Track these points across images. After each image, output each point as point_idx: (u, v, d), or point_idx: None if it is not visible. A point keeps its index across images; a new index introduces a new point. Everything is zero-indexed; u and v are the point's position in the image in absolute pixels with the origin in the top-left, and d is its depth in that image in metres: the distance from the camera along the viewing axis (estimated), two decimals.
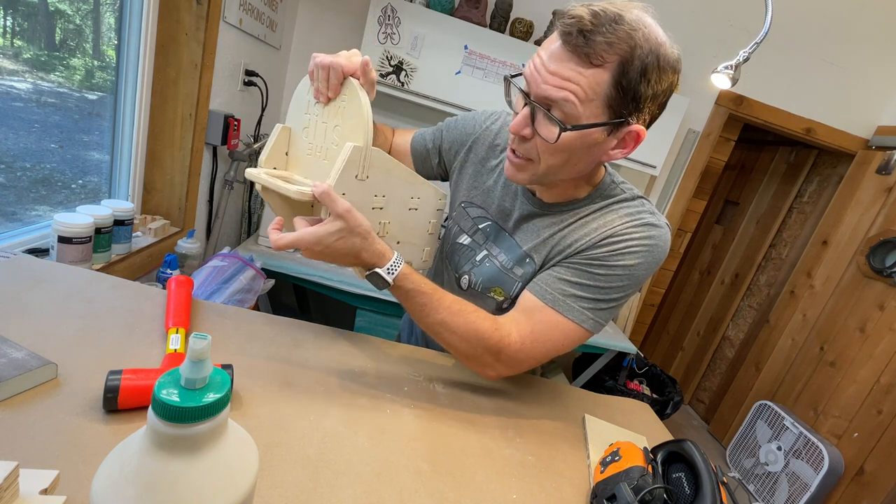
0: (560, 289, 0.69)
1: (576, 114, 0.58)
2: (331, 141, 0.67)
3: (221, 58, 1.47)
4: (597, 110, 0.58)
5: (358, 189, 0.65)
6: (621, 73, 0.56)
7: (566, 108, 0.58)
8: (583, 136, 0.60)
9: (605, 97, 0.57)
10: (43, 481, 0.36)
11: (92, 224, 1.04)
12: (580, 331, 0.69)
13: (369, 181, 0.66)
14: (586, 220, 0.71)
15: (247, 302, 1.32)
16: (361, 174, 0.64)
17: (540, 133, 0.61)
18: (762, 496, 2.25)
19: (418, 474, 0.54)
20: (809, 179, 2.80)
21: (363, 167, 0.64)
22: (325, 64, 0.64)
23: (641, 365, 2.54)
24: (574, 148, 0.61)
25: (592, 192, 0.73)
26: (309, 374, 0.66)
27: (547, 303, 0.68)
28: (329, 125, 0.67)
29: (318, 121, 0.69)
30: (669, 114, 2.04)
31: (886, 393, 2.02)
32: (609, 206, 0.71)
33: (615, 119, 0.59)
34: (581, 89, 0.56)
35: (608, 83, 0.56)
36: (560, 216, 0.73)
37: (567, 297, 0.68)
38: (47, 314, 0.62)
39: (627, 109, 0.59)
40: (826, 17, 2.19)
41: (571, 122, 0.59)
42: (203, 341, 0.28)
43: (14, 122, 1.05)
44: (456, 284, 0.83)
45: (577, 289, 0.68)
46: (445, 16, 1.91)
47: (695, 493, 0.54)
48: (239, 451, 0.31)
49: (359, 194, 0.65)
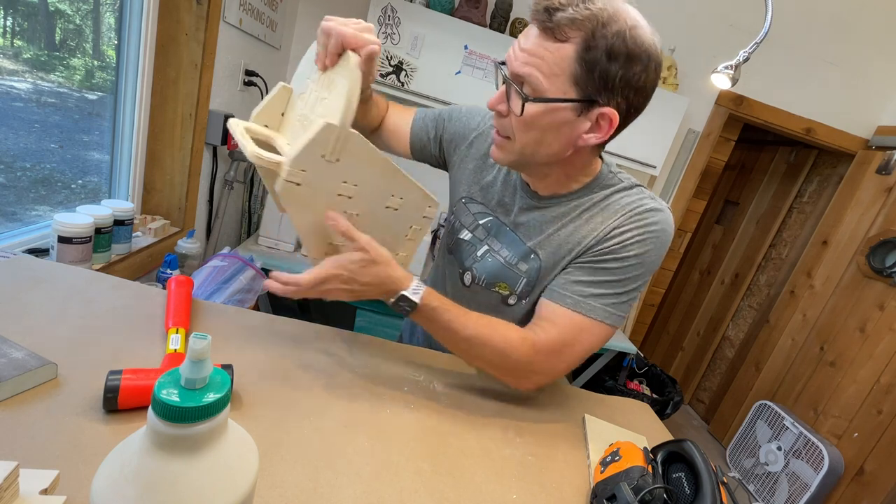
0: (578, 290, 0.69)
1: (541, 88, 0.59)
2: (316, 113, 0.62)
3: (221, 58, 1.47)
4: (563, 86, 0.59)
5: (324, 170, 0.60)
6: (585, 50, 0.57)
7: (532, 82, 0.59)
8: (551, 112, 0.61)
9: (571, 74, 0.58)
10: (43, 481, 0.36)
11: (92, 224, 1.04)
12: (605, 328, 0.69)
13: (340, 165, 0.61)
14: (589, 213, 0.71)
15: (247, 302, 1.32)
16: (330, 155, 0.59)
17: (511, 107, 0.63)
18: (762, 496, 2.25)
19: (418, 474, 0.54)
20: (809, 179, 2.80)
21: (333, 149, 0.59)
22: (327, 28, 0.62)
23: (641, 365, 2.54)
24: (543, 125, 0.62)
25: (590, 183, 0.73)
26: (309, 374, 0.66)
27: (569, 307, 0.69)
28: (318, 95, 0.63)
29: (313, 88, 0.65)
30: (669, 113, 2.07)
31: (886, 393, 2.02)
32: (609, 196, 0.72)
33: (583, 97, 0.60)
34: (545, 63, 0.58)
35: (572, 59, 0.57)
36: (560, 209, 0.73)
37: (587, 297, 0.68)
38: (47, 314, 0.62)
39: (595, 89, 0.59)
40: (826, 17, 2.19)
41: (537, 95, 0.60)
42: (203, 341, 0.28)
43: (14, 122, 1.05)
44: (460, 281, 0.83)
45: (594, 287, 0.69)
46: (445, 16, 1.91)
47: (695, 493, 0.54)
48: (239, 451, 0.31)
49: (323, 176, 0.60)
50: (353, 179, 0.64)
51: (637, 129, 2.37)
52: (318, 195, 0.62)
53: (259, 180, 1.98)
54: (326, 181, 0.61)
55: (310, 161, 0.58)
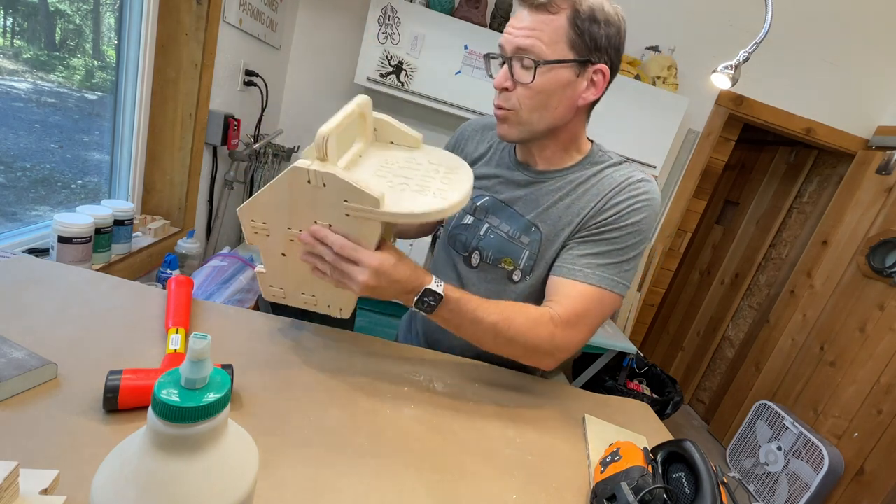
0: (585, 263, 0.74)
1: (545, 54, 0.67)
2: (434, 179, 0.64)
3: (221, 58, 1.47)
4: (563, 51, 0.68)
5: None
6: (575, 16, 0.67)
7: (536, 51, 0.67)
8: (556, 75, 0.69)
9: (567, 39, 0.68)
10: (43, 481, 0.36)
11: (92, 224, 1.04)
12: (614, 296, 0.74)
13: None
14: (584, 187, 0.77)
15: (247, 302, 1.32)
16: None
17: (519, 79, 0.70)
18: (762, 496, 2.25)
19: (418, 474, 0.54)
20: (809, 179, 2.80)
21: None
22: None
23: (641, 365, 2.54)
24: (550, 89, 0.70)
25: (583, 160, 0.79)
26: (309, 374, 0.66)
27: (578, 280, 0.73)
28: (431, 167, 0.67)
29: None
30: (669, 114, 2.07)
31: (886, 393, 2.02)
32: (601, 171, 0.78)
33: (580, 58, 0.69)
34: (544, 34, 0.67)
35: (566, 26, 0.67)
36: (556, 184, 0.79)
37: (594, 268, 0.73)
38: (47, 314, 0.62)
39: (588, 49, 0.69)
40: (826, 17, 2.19)
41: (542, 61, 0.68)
42: (203, 341, 0.28)
43: (14, 122, 1.05)
44: (466, 265, 0.85)
45: (599, 258, 0.74)
46: (445, 16, 1.91)
47: (695, 493, 0.54)
48: (239, 451, 0.31)
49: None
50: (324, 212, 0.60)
51: (637, 129, 2.37)
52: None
53: (259, 180, 1.98)
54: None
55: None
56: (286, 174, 0.55)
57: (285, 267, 0.65)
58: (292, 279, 0.67)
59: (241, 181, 1.81)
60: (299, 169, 0.54)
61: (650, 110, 2.06)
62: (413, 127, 0.74)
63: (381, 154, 0.69)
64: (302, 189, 0.56)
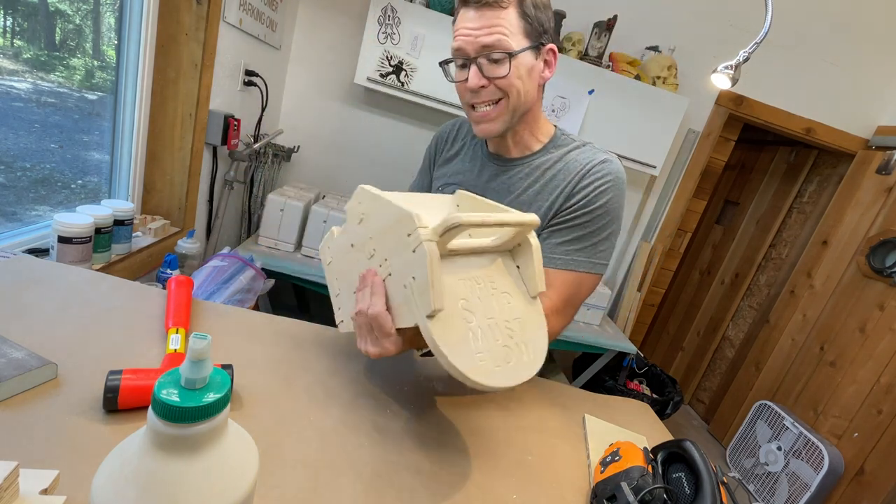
0: (562, 251, 0.78)
1: (510, 46, 0.72)
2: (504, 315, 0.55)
3: (221, 58, 1.47)
4: (521, 40, 0.73)
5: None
6: (521, 7, 0.72)
7: (503, 45, 0.71)
8: (523, 62, 0.74)
9: (521, 28, 0.73)
10: (43, 481, 0.36)
11: (92, 224, 1.04)
12: (594, 277, 0.79)
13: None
14: (551, 171, 0.81)
15: (247, 302, 1.32)
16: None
17: (493, 74, 0.73)
18: (762, 496, 2.25)
19: (418, 474, 0.54)
20: (809, 179, 2.80)
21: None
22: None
23: (641, 365, 2.54)
24: (521, 75, 0.74)
25: (548, 144, 0.84)
26: (309, 374, 0.66)
27: (559, 267, 0.77)
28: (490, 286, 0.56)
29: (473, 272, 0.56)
30: (669, 114, 2.07)
31: (886, 393, 2.02)
32: (565, 155, 0.82)
33: (536, 43, 0.75)
34: (505, 27, 0.71)
35: (517, 16, 0.72)
36: (525, 170, 0.83)
37: (571, 254, 0.78)
38: (47, 314, 0.62)
39: (538, 34, 0.74)
40: (826, 17, 2.19)
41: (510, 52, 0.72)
42: (203, 341, 0.28)
43: (14, 122, 1.05)
44: None
45: (574, 244, 0.78)
46: (445, 16, 1.91)
47: (695, 493, 0.54)
48: (239, 451, 0.31)
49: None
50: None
51: (637, 129, 2.37)
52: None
53: (259, 180, 1.98)
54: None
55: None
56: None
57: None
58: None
59: (241, 181, 1.81)
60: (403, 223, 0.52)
61: (650, 110, 2.06)
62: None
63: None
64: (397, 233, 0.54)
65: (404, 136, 2.21)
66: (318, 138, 2.23)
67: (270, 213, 1.75)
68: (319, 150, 2.25)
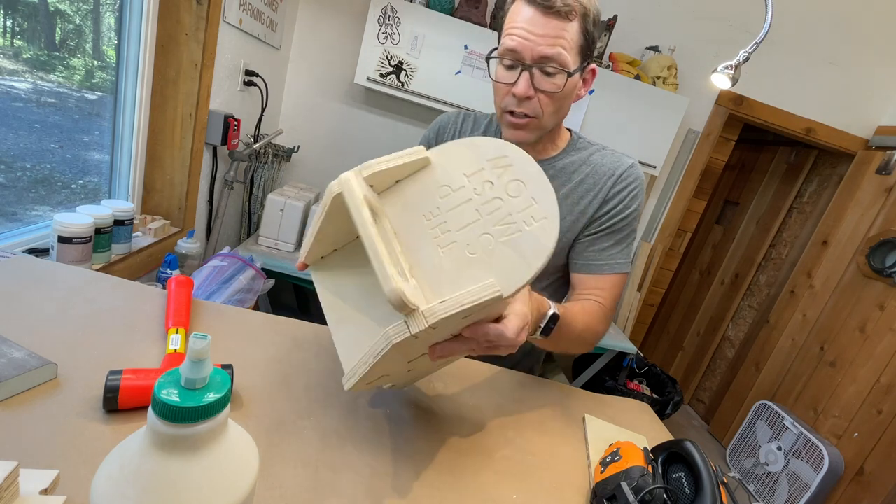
0: (608, 256, 0.81)
1: (568, 63, 0.68)
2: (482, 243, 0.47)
3: (221, 58, 1.47)
4: (576, 57, 0.70)
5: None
6: (586, 22, 0.68)
7: (561, 60, 0.68)
8: (574, 81, 0.72)
9: (578, 45, 0.69)
10: (43, 481, 0.36)
11: (92, 224, 1.04)
12: (626, 276, 0.83)
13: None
14: (578, 175, 0.81)
15: (247, 302, 1.32)
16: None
17: (543, 88, 0.70)
18: (762, 496, 2.25)
19: (418, 474, 0.54)
20: (809, 179, 2.80)
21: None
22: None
23: (641, 365, 2.54)
24: (568, 93, 0.73)
25: (567, 147, 0.84)
26: (309, 374, 0.66)
27: (606, 272, 0.81)
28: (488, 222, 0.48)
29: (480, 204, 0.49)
30: (669, 114, 2.07)
31: (886, 393, 2.02)
32: (589, 157, 0.82)
33: (585, 63, 0.72)
34: (567, 42, 0.67)
35: (579, 32, 0.68)
36: (547, 171, 0.79)
37: (614, 257, 0.82)
38: (47, 314, 0.62)
39: (590, 51, 0.72)
40: (826, 17, 2.19)
41: (566, 69, 0.69)
42: (203, 341, 0.28)
43: (14, 122, 1.05)
44: None
45: (616, 247, 0.82)
46: (445, 16, 1.91)
47: (695, 493, 0.54)
48: (239, 451, 0.31)
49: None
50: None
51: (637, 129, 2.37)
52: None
53: (259, 180, 1.98)
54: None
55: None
56: (387, 350, 0.44)
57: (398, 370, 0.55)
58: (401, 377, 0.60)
59: (241, 181, 1.81)
60: (397, 343, 0.43)
61: (650, 110, 2.06)
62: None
63: (406, 209, 0.52)
64: (411, 344, 0.45)
65: (404, 136, 2.21)
66: (318, 138, 2.23)
67: (270, 213, 1.75)
68: (319, 150, 2.25)
